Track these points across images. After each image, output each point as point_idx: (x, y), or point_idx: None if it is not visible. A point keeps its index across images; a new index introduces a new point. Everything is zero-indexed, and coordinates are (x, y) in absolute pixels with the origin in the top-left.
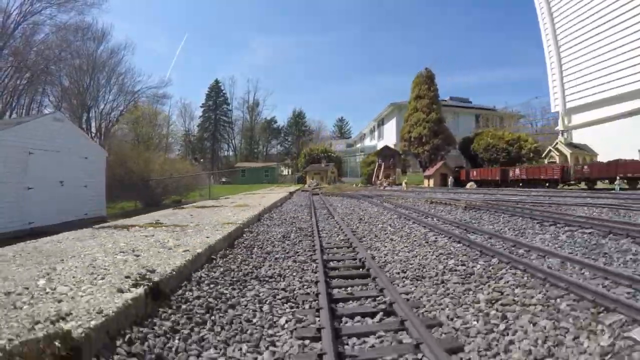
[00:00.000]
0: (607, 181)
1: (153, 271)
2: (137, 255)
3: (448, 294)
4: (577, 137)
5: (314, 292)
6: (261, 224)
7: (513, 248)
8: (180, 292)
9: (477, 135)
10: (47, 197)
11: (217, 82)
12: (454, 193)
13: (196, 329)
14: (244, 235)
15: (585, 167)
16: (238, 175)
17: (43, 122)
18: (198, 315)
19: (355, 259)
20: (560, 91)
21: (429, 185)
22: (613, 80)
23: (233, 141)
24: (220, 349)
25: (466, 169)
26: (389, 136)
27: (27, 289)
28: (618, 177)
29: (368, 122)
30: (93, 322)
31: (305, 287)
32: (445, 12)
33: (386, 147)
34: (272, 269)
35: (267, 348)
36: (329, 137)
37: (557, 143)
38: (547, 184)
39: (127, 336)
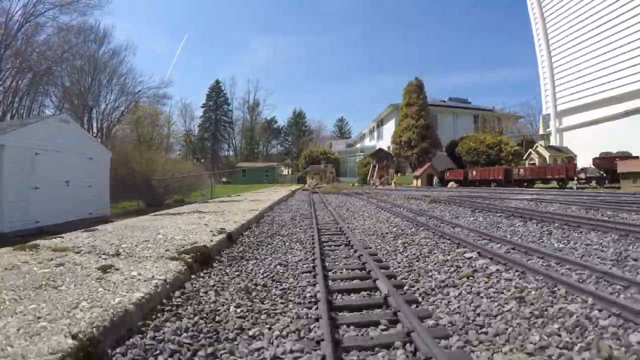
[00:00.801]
0: (539, 181)
1: (223, 229)
2: (206, 224)
3: (383, 241)
4: (573, 138)
5: (311, 238)
6: (274, 211)
7: (439, 223)
8: (240, 239)
9: (462, 139)
10: (52, 197)
11: (217, 82)
12: (430, 191)
13: (255, 250)
14: (264, 217)
15: (522, 170)
16: (239, 175)
17: (49, 124)
18: (253, 247)
19: (337, 228)
20: (552, 94)
21: (416, 184)
22: (607, 82)
23: (233, 141)
24: (269, 254)
25: (444, 171)
26: (388, 137)
27: (154, 238)
28: (575, 178)
29: (368, 122)
30: (211, 243)
31: (307, 237)
32: (446, 13)
33: (380, 150)
34: (287, 231)
35: (290, 254)
36: (329, 137)
37: (537, 146)
38: (494, 184)
39: (224, 251)
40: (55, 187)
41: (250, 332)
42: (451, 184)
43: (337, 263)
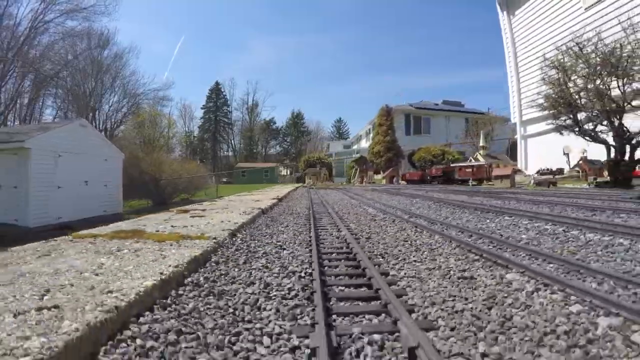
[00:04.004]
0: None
1: (278, 196)
2: (267, 194)
3: (333, 200)
4: (535, 145)
5: (308, 200)
6: (289, 195)
7: (359, 197)
8: (284, 199)
9: (418, 150)
10: (73, 196)
11: (217, 84)
12: (381, 187)
13: (291, 200)
14: (286, 196)
15: (407, 174)
16: (239, 176)
17: (70, 128)
18: (290, 200)
19: (320, 200)
20: (518, 105)
21: (384, 183)
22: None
23: (233, 142)
24: (295, 201)
25: (403, 174)
26: None
27: (256, 199)
28: (471, 178)
29: (365, 124)
30: (278, 198)
31: (306, 200)
32: (446, 14)
33: (361, 157)
34: (298, 199)
35: (301, 202)
36: (327, 138)
37: (477, 154)
38: (398, 182)
39: (280, 201)
40: (76, 187)
41: (297, 206)
42: (403, 182)
43: (316, 203)
